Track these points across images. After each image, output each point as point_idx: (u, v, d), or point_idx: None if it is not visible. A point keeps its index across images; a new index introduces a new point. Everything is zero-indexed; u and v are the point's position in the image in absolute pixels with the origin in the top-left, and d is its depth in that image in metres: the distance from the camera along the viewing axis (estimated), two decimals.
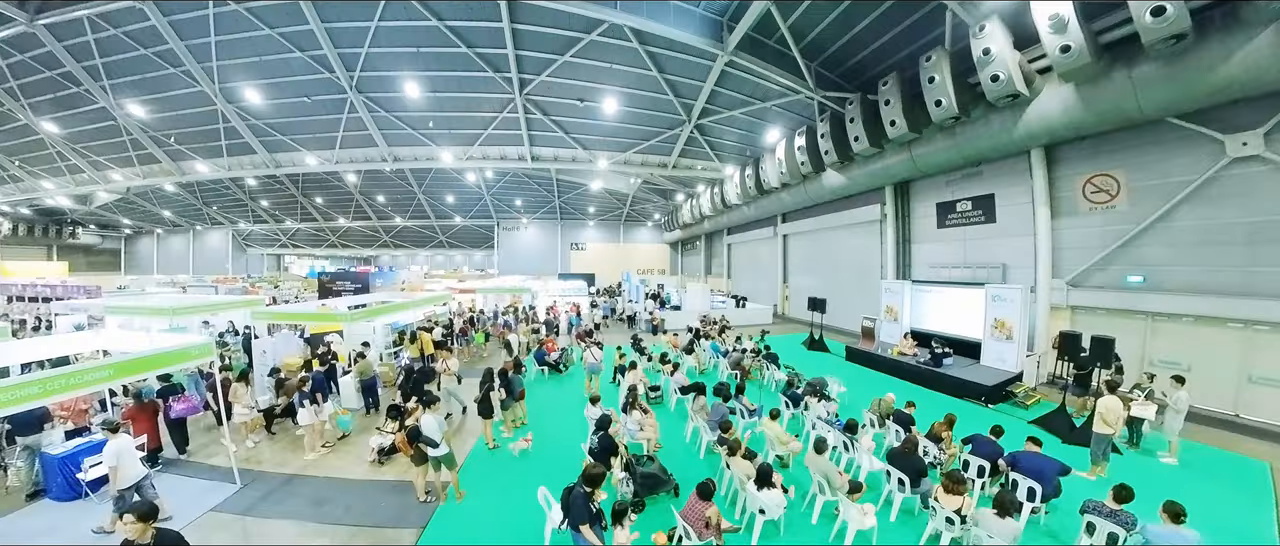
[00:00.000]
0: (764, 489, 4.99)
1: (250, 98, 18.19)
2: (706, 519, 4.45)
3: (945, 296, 12.93)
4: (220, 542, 5.17)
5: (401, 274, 35.03)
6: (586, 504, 4.06)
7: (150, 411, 7.11)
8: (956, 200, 14.00)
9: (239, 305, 15.06)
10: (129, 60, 16.59)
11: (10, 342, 8.18)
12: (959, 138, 11.49)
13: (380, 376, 10.53)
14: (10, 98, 19.14)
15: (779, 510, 5.06)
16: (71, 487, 6.14)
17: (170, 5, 13.69)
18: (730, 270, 32.12)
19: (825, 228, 20.79)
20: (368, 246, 45.63)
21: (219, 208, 37.36)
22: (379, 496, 6.17)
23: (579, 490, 4.14)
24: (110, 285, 29.75)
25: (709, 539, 4.47)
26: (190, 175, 25.50)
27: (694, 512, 4.54)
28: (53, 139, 22.35)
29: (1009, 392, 9.94)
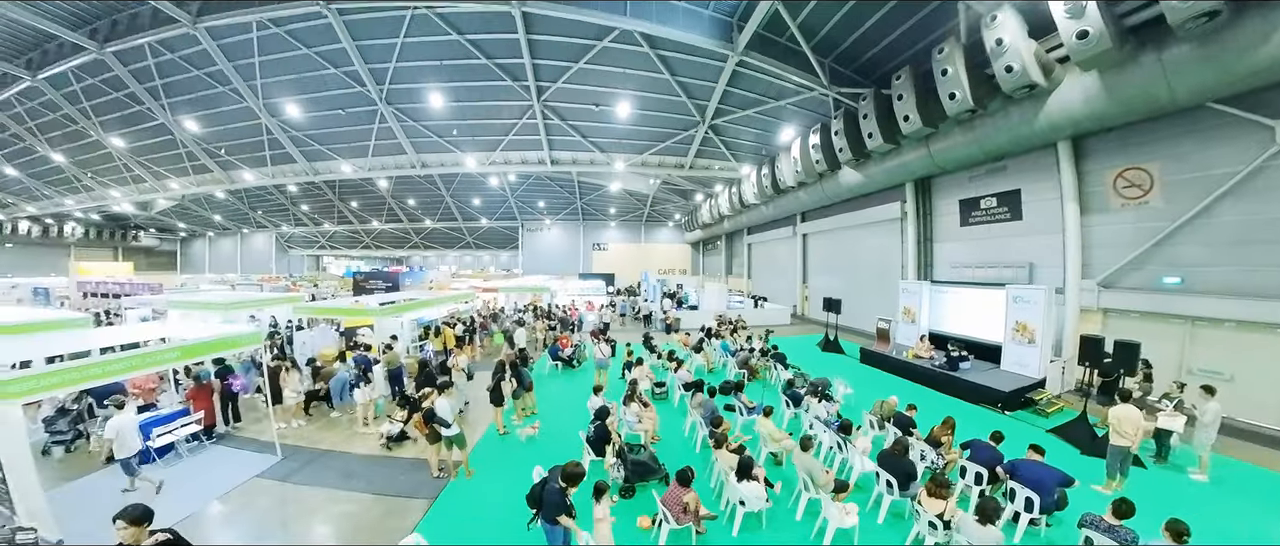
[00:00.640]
0: (744, 481, 5.12)
1: (290, 111, 19.43)
2: (684, 504, 4.70)
3: (965, 298, 12.51)
4: (263, 503, 6.00)
5: (430, 273, 36.38)
6: (561, 498, 4.29)
7: (207, 391, 8.11)
8: (980, 197, 13.45)
9: (282, 301, 16.20)
10: (184, 80, 18.14)
11: (93, 330, 9.32)
12: (978, 132, 11.08)
13: (406, 367, 11.19)
14: (83, 116, 21.14)
15: (759, 502, 5.17)
16: (142, 454, 6.90)
17: (219, 30, 14.84)
18: (750, 270, 31.83)
19: (844, 226, 20.38)
20: (399, 247, 47.52)
21: (263, 212, 39.82)
22: (398, 471, 6.81)
23: (553, 486, 4.37)
24: (169, 283, 32.20)
25: (687, 524, 4.70)
26: (238, 183, 27.38)
27: (673, 498, 4.80)
28: (119, 152, 24.50)
29: (1028, 399, 9.55)
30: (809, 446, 5.62)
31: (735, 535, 5.16)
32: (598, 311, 21.14)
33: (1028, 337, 10.37)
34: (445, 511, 5.76)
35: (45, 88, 18.75)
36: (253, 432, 8.24)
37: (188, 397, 8.01)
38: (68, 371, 5.25)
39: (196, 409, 7.75)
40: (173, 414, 7.71)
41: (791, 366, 11.21)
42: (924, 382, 11.22)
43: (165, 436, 7.14)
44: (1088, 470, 6.57)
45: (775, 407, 7.66)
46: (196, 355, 7.09)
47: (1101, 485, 6.26)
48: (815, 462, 5.50)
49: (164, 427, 7.16)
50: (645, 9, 12.66)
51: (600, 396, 7.60)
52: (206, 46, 15.47)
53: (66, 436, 7.40)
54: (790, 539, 5.07)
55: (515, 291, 23.42)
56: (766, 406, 7.47)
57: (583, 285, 26.15)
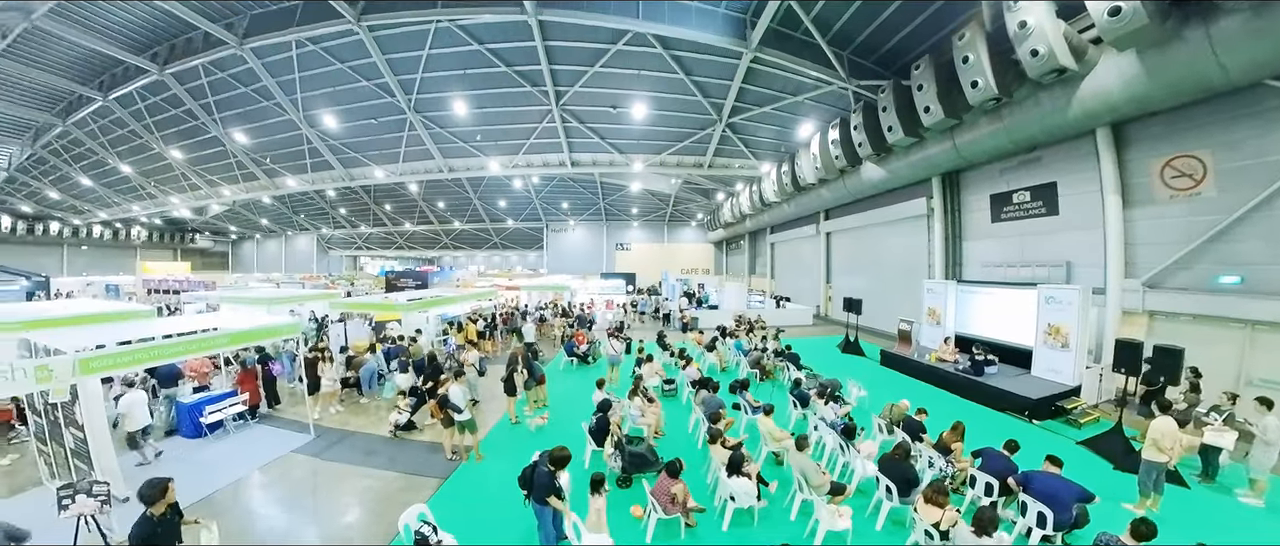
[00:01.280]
0: (734, 476, 5.14)
1: (328, 122, 20.54)
2: (672, 494, 4.81)
3: (995, 299, 11.92)
4: (297, 474, 6.76)
5: (457, 273, 37.59)
6: (551, 481, 4.51)
7: (252, 376, 9.12)
8: (1012, 191, 12.74)
9: (320, 297, 17.28)
10: (234, 97, 19.54)
11: (156, 320, 10.51)
12: (1006, 121, 10.51)
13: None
14: (147, 131, 23.02)
15: (748, 499, 5.17)
16: (196, 428, 7.88)
17: (262, 49, 15.92)
18: (774, 270, 31.26)
19: (869, 224, 19.74)
20: (431, 248, 49.22)
21: (305, 215, 42.15)
22: (415, 452, 7.42)
23: (542, 469, 4.58)
24: (221, 281, 34.72)
25: (676, 514, 4.84)
26: (282, 189, 29.12)
27: (662, 489, 4.91)
28: (178, 163, 26.53)
29: (1060, 408, 8.95)
30: (804, 446, 5.56)
31: (725, 530, 5.19)
32: (615, 310, 21.34)
33: (1061, 341, 9.75)
34: (454, 490, 6.23)
35: (115, 106, 20.55)
36: (291, 414, 9.06)
37: (236, 381, 9.09)
38: (135, 352, 6.22)
39: (243, 391, 8.73)
40: (222, 394, 8.59)
41: (804, 367, 11.00)
42: (946, 387, 10.78)
43: (216, 414, 8.02)
44: (1120, 487, 6.17)
45: (783, 407, 7.59)
46: (240, 342, 8.10)
47: (1133, 504, 5.81)
48: (809, 463, 5.41)
49: (215, 406, 8.11)
50: (658, 10, 12.71)
51: (604, 390, 7.82)
52: (252, 65, 16.61)
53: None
54: (781, 537, 5.06)
55: (537, 290, 23.93)
56: (767, 405, 7.39)
57: (603, 284, 26.40)
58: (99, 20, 14.86)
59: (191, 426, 7.87)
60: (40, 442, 6.55)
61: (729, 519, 5.27)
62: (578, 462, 6.51)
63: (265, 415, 9.06)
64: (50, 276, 23.35)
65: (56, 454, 6.17)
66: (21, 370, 4.86)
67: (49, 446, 6.34)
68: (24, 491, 6.19)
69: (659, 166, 22.97)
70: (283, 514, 5.69)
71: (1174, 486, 6.10)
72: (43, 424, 6.35)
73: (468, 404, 6.90)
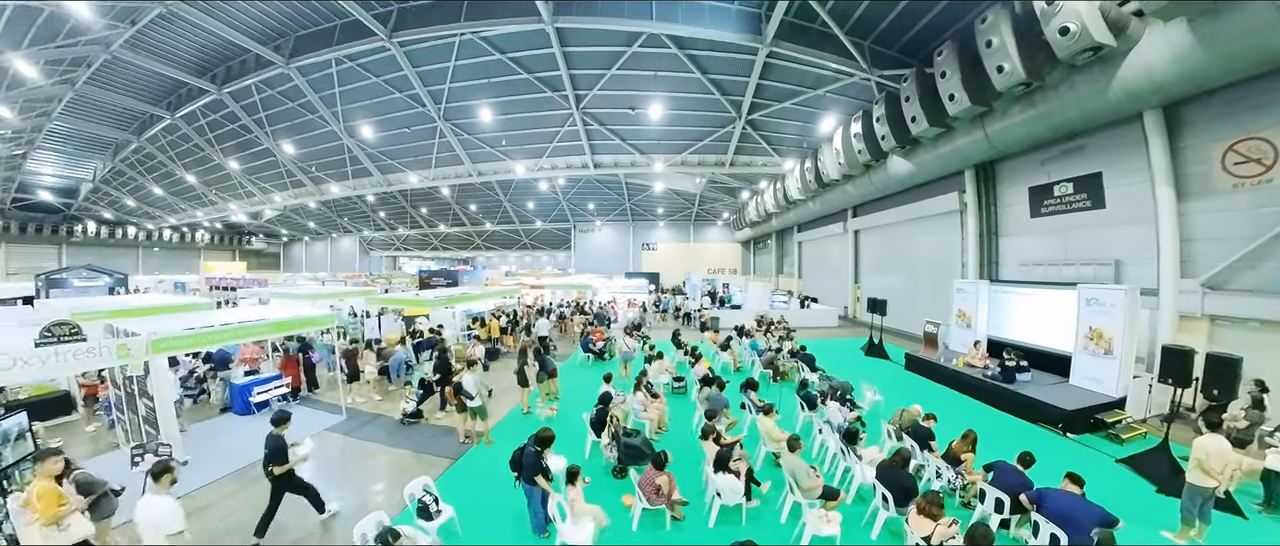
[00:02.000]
0: (720, 472, 5.16)
1: (365, 132, 21.78)
2: (656, 486, 4.93)
3: (1032, 300, 11.11)
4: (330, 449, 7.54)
5: (486, 272, 38.83)
6: (537, 461, 4.81)
7: (294, 362, 10.21)
8: (1053, 183, 11.80)
9: (357, 294, 18.49)
10: (282, 111, 21.09)
11: (214, 311, 11.79)
12: (1040, 108, 9.74)
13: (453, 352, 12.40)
14: (208, 145, 25.11)
15: (734, 496, 5.17)
16: (246, 406, 8.89)
17: (306, 68, 17.16)
18: (801, 269, 30.49)
19: (898, 221, 18.86)
20: (464, 249, 51.03)
21: (349, 219, 44.64)
22: (431, 435, 8.04)
23: (531, 450, 4.87)
24: (272, 279, 37.37)
25: (660, 505, 5.01)
26: (326, 194, 31.04)
27: (647, 480, 5.04)
28: (235, 173, 28.76)
29: (1100, 421, 8.14)
30: (795, 447, 5.45)
31: (711, 526, 5.23)
32: (636, 309, 21.50)
33: (1104, 347, 8.88)
34: (463, 470, 6.74)
35: (181, 123, 22.56)
36: (328, 398, 9.92)
37: (280, 366, 10.26)
38: (196, 336, 7.60)
39: (286, 375, 9.83)
40: (269, 378, 9.58)
41: (818, 369, 10.73)
42: (974, 395, 10.13)
43: (263, 394, 9.07)
44: (1163, 513, 5.59)
45: (791, 409, 7.48)
46: (279, 331, 9.32)
47: (1174, 533, 5.20)
48: (800, 464, 5.29)
49: (262, 388, 9.18)
50: (671, 11, 12.75)
51: (609, 384, 8.02)
52: (298, 82, 17.94)
53: (194, 392, 9.82)
54: (769, 538, 4.99)
55: (560, 288, 24.45)
56: (765, 404, 7.33)
57: (625, 284, 26.60)
58: (166, 48, 16.42)
59: (242, 404, 8.93)
60: (118, 412, 7.75)
61: (715, 515, 5.29)
62: (579, 452, 6.79)
63: (305, 397, 10.07)
64: (128, 274, 25.89)
65: (131, 420, 7.41)
66: (107, 348, 6.19)
67: (125, 414, 7.53)
68: (103, 454, 7.28)
69: (680, 166, 22.94)
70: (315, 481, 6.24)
71: (1227, 515, 5.49)
72: (121, 395, 7.59)
73: (480, 392, 7.32)
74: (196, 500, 5.81)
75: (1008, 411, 9.14)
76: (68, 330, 7.47)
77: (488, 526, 5.25)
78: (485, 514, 5.46)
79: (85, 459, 6.53)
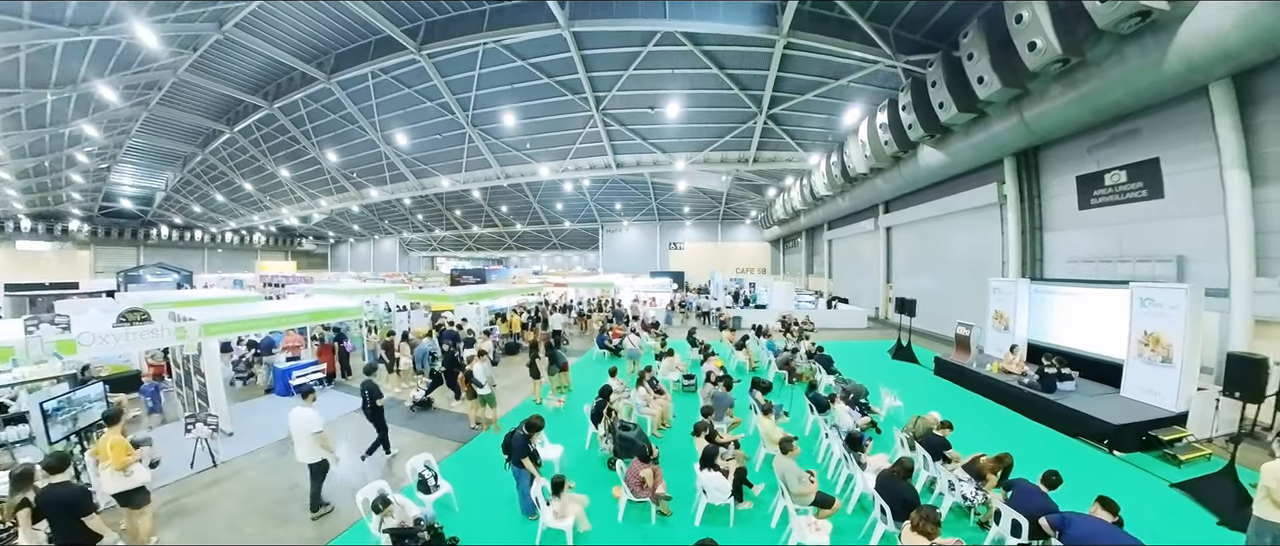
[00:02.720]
0: (705, 470, 5.31)
1: (400, 140, 23.44)
2: (641, 478, 5.25)
3: (1080, 301, 10.18)
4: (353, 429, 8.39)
5: (513, 271, 40.44)
6: (525, 444, 5.34)
7: (330, 350, 11.53)
8: (1104, 171, 10.76)
9: (390, 290, 20.18)
10: (326, 123, 23.13)
11: (263, 303, 13.52)
12: (1083, 88, 8.73)
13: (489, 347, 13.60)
14: (262, 155, 27.65)
15: (720, 495, 5.27)
16: (287, 389, 10.11)
17: (346, 82, 18.87)
18: (831, 269, 30.04)
19: (932, 216, 18.14)
20: (496, 249, 53.13)
21: (389, 221, 47.51)
22: (446, 420, 8.92)
23: (520, 434, 5.40)
24: (319, 278, 40.55)
25: (645, 498, 5.29)
26: (366, 199, 33.37)
27: (632, 473, 5.35)
28: (286, 180, 31.45)
29: (1154, 439, 7.19)
30: (788, 450, 5.39)
31: (697, 524, 5.32)
32: (660, 307, 22.04)
33: (1161, 355, 7.89)
34: (469, 453, 7.44)
35: (238, 136, 25.06)
36: (358, 383, 10.94)
37: (317, 353, 11.62)
38: (240, 321, 9.46)
39: (322, 361, 11.13)
40: (307, 363, 11.01)
41: (834, 371, 10.60)
42: (1009, 404, 9.43)
43: (302, 378, 10.22)
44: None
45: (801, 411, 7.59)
46: (312, 320, 11.36)
47: None
48: (792, 468, 5.22)
49: (301, 372, 10.39)
50: (685, 8, 13.05)
51: (615, 378, 8.45)
52: (339, 95, 19.73)
53: (243, 374, 11.26)
54: (755, 540, 5.05)
55: (583, 287, 25.33)
56: (765, 404, 7.54)
57: (648, 283, 27.16)
58: (224, 70, 18.54)
59: (283, 387, 10.23)
60: (178, 387, 9.36)
61: (701, 513, 5.37)
62: (579, 443, 7.36)
63: (338, 383, 11.33)
64: (193, 272, 29.14)
65: (187, 395, 8.85)
66: (167, 329, 7.84)
67: (183, 389, 9.08)
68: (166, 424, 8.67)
69: (702, 163, 23.25)
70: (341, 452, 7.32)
71: None
72: (180, 373, 9.19)
73: (489, 381, 8.16)
74: (235, 466, 6.92)
75: (1046, 424, 8.45)
76: (139, 315, 8.85)
77: (481, 505, 5.74)
78: (481, 493, 5.99)
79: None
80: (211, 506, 5.78)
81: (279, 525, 5.42)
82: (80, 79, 15.54)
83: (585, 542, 4.97)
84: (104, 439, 4.90)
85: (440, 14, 15.24)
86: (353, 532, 5.21)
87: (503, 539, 5.13)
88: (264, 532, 5.28)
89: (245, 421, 8.56)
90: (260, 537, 5.20)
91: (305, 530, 5.32)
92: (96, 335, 6.99)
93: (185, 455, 6.71)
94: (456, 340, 11.91)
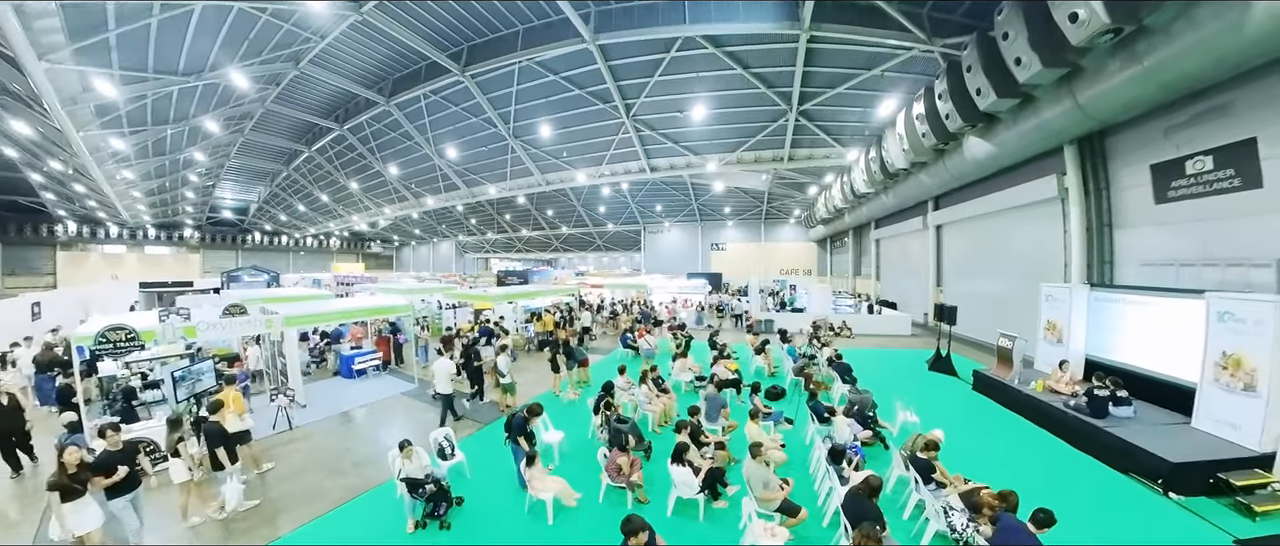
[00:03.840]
0: (675, 464, 5.74)
1: (451, 152, 26.01)
2: (618, 466, 5.98)
3: (1149, 311, 8.99)
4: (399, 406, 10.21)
5: (555, 272, 42.70)
6: (523, 425, 6.45)
7: (386, 341, 13.87)
8: (1185, 157, 9.32)
9: (440, 290, 22.53)
10: (387, 140, 26.23)
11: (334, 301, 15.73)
12: (1147, 60, 7.54)
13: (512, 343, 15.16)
14: (335, 170, 31.63)
15: (687, 489, 5.64)
16: (350, 372, 12.42)
17: (403, 103, 21.49)
18: (879, 270, 29.13)
19: (985, 213, 16.89)
20: (544, 251, 56.00)
21: (446, 226, 51.73)
22: (474, 405, 10.28)
23: (520, 416, 6.50)
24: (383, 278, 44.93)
25: (621, 484, 5.98)
26: (424, 206, 36.87)
27: (611, 460, 6.12)
28: (355, 191, 35.60)
29: (1224, 482, 6.11)
30: (757, 454, 5.58)
31: (668, 515, 5.74)
32: (691, 309, 22.77)
33: (1242, 381, 6.77)
34: (488, 432, 8.59)
35: (315, 155, 28.99)
36: (407, 371, 12.97)
37: (375, 344, 13.88)
38: (316, 315, 12.22)
39: (379, 350, 13.40)
40: (367, 351, 13.32)
41: (851, 380, 10.10)
42: (1052, 428, 8.48)
43: (362, 364, 12.69)
44: None
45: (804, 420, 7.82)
46: (370, 315, 13.56)
47: None
48: (760, 472, 5.34)
49: (362, 359, 12.82)
50: (703, 11, 13.60)
51: (624, 376, 9.38)
52: (397, 116, 22.52)
53: (317, 360, 13.76)
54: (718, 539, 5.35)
55: (620, 288, 26.63)
56: (757, 407, 7.90)
57: (683, 284, 27.88)
58: (302, 99, 21.82)
59: (347, 371, 12.56)
60: (266, 368, 11.80)
61: (672, 505, 5.82)
62: (583, 433, 8.33)
63: (392, 369, 13.34)
64: (280, 273, 34.14)
65: (272, 374, 11.06)
66: (258, 320, 10.10)
67: (271, 368, 11.44)
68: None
69: (735, 164, 23.68)
70: (387, 423, 9.09)
71: None
72: (268, 355, 11.66)
73: (509, 371, 9.53)
74: (305, 430, 8.81)
75: (1093, 454, 7.47)
76: (238, 309, 11.13)
77: (487, 474, 6.82)
78: (489, 465, 7.03)
79: None
80: (285, 458, 7.51)
81: (331, 476, 6.99)
82: (190, 115, 19.06)
83: (566, 515, 5.79)
84: (226, 392, 6.98)
85: (479, 37, 17.08)
86: (388, 487, 6.48)
87: (500, 504, 6.17)
88: (319, 480, 6.86)
89: (316, 396, 10.71)
90: (316, 483, 6.76)
91: (350, 480, 6.84)
92: (209, 323, 9.20)
93: (269, 420, 8.63)
94: (490, 335, 13.50)
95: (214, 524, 5.74)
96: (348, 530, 5.67)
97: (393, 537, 5.46)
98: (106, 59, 12.48)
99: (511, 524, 5.73)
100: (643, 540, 4.03)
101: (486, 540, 5.44)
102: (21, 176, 25.88)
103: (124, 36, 11.94)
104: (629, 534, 4.01)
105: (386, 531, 5.57)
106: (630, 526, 4.04)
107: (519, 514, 5.90)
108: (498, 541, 5.42)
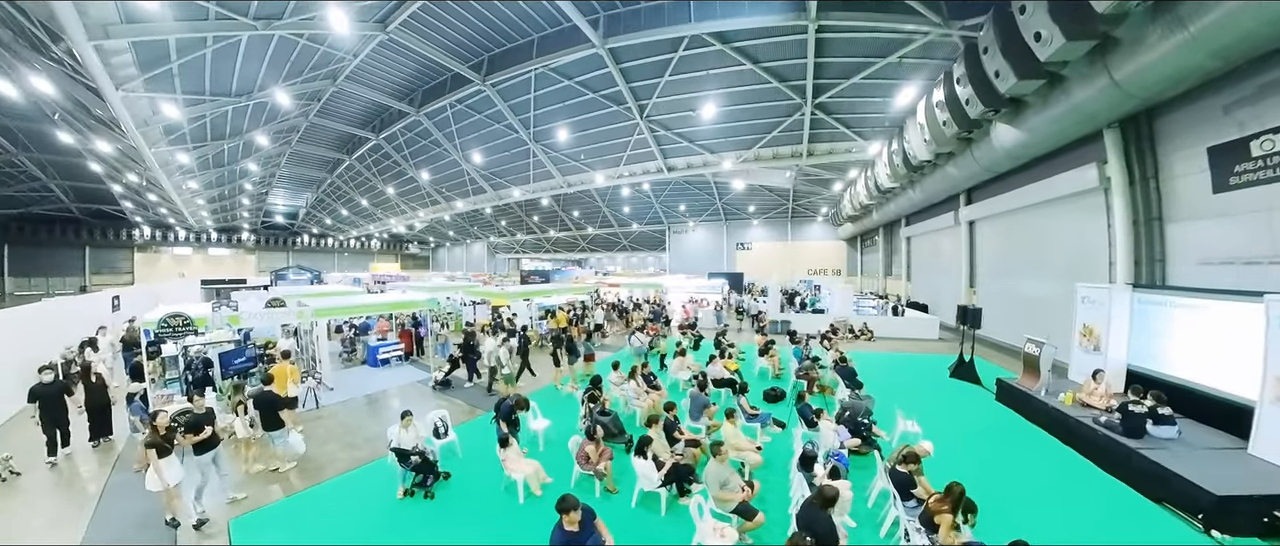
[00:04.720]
0: (635, 456, 5.93)
1: (476, 157, 27.64)
2: (586, 454, 6.42)
3: (1204, 315, 7.89)
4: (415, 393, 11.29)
5: (579, 271, 43.97)
6: (510, 411, 7.26)
7: (408, 334, 15.05)
8: (1249, 137, 8.03)
9: (463, 288, 24.00)
10: (418, 148, 28.31)
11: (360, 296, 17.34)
12: (1194, 24, 6.46)
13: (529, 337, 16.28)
14: (373, 177, 34.17)
15: (648, 482, 5.76)
16: (375, 361, 13.83)
17: (432, 112, 23.22)
18: (909, 270, 28.38)
19: (1020, 206, 15.68)
20: (571, 251, 57.59)
21: (477, 227, 54.20)
22: (478, 394, 11.24)
23: (508, 403, 7.32)
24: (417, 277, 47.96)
25: (589, 472, 6.34)
26: (454, 209, 39.06)
27: (580, 448, 6.54)
28: (391, 196, 38.13)
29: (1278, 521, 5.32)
30: (717, 454, 5.63)
31: (632, 506, 5.99)
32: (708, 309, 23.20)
33: None
34: (485, 419, 8.94)
35: (355, 163, 31.46)
36: (426, 361, 14.14)
37: (398, 336, 15.11)
38: (342, 308, 13.96)
39: (402, 341, 14.67)
40: (390, 342, 14.59)
41: (855, 385, 9.82)
42: (1079, 447, 7.65)
43: (386, 354, 14.03)
44: None
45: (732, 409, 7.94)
46: (391, 309, 14.99)
47: None
48: (720, 472, 5.38)
49: (386, 349, 14.16)
50: (708, 8, 14.01)
51: (617, 372, 10.02)
52: (426, 125, 24.40)
53: (348, 351, 15.31)
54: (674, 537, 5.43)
55: (638, 287, 27.40)
56: (728, 409, 7.69)
57: (700, 283, 28.20)
58: (342, 112, 24.03)
59: (373, 360, 13.98)
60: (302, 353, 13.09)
61: (637, 496, 6.04)
62: (573, 423, 8.80)
63: (413, 359, 14.60)
64: (324, 272, 37.39)
65: (303, 360, 12.24)
66: (293, 312, 11.49)
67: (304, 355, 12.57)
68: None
69: (753, 161, 23.89)
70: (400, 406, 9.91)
71: None
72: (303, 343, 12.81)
73: (509, 362, 10.43)
74: (331, 410, 10.03)
75: (1124, 479, 6.61)
76: (277, 303, 12.69)
77: (476, 455, 7.45)
78: (480, 446, 7.61)
79: None
80: (309, 433, 8.58)
81: (347, 449, 8.08)
82: (244, 130, 21.39)
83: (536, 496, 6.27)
84: (281, 366, 8.66)
85: (497, 47, 18.30)
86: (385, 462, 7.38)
87: (481, 482, 6.87)
88: (334, 451, 7.98)
89: (344, 382, 12.06)
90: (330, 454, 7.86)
91: (360, 452, 7.90)
92: (250, 313, 10.84)
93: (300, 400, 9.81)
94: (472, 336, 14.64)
95: (263, 473, 7.11)
96: (349, 492, 6.73)
97: (385, 501, 6.42)
98: (171, 85, 14.46)
99: (487, 500, 6.46)
100: (575, 519, 4.27)
101: (462, 511, 6.24)
102: (105, 188, 29.63)
103: (185, 65, 13.85)
104: (562, 511, 4.29)
105: (381, 496, 6.54)
106: (564, 504, 4.31)
107: (496, 492, 6.61)
108: (471, 514, 6.20)
